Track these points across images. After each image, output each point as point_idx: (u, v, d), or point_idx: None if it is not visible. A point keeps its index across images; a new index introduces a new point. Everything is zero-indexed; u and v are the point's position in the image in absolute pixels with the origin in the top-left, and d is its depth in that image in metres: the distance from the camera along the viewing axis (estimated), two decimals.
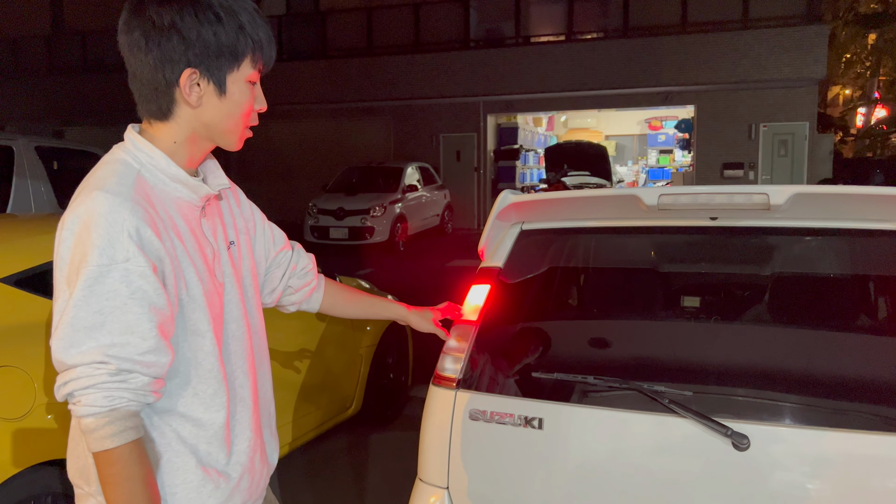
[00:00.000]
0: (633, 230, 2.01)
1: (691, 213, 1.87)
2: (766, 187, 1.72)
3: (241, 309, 1.44)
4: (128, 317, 1.16)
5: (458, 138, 17.84)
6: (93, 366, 1.15)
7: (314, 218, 13.60)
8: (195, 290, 1.29)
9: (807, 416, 1.67)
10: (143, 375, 1.18)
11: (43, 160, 5.89)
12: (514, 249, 2.08)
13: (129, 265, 1.16)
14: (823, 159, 15.70)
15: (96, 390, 1.15)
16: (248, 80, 1.32)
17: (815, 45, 14.47)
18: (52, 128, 19.99)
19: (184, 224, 1.30)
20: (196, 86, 1.28)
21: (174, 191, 1.30)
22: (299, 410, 3.76)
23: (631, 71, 15.61)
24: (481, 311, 2.00)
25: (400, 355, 5.00)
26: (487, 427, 1.85)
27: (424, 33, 17.51)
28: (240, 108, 1.33)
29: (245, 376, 1.42)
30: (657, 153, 22.76)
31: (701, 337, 1.94)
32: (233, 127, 1.34)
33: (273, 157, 19.16)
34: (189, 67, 1.26)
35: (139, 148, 1.29)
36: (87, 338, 1.15)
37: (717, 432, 1.62)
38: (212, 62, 1.27)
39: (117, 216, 1.17)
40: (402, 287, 8.20)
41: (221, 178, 1.44)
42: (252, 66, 1.32)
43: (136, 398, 1.18)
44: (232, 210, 1.52)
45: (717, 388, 1.80)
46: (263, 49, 1.33)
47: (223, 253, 1.41)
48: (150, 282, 1.18)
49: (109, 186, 1.20)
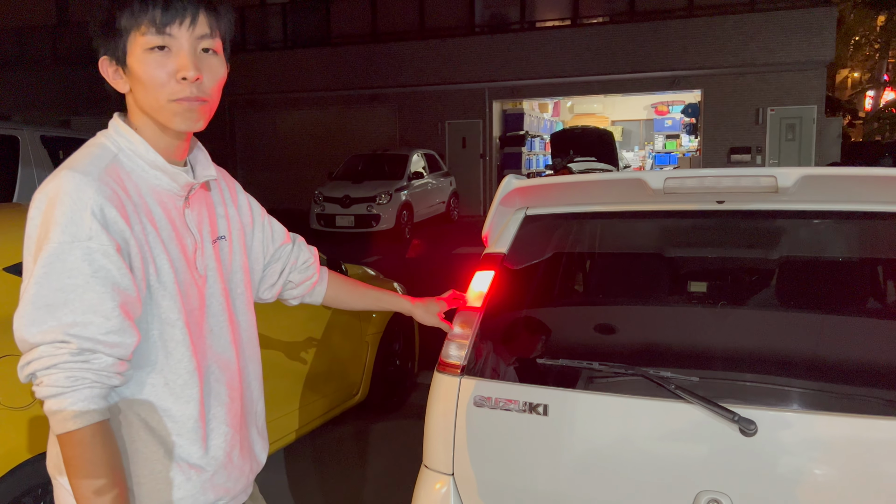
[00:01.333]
0: (639, 214, 1.99)
1: (698, 196, 1.84)
2: (774, 169, 1.69)
3: (224, 305, 1.40)
4: (90, 295, 1.14)
5: (463, 125, 17.77)
6: (55, 345, 1.12)
7: (320, 206, 13.58)
8: (166, 278, 1.26)
9: (815, 400, 1.65)
10: (106, 356, 1.15)
11: (48, 149, 5.89)
12: (519, 235, 2.06)
13: (92, 243, 1.14)
14: (832, 143, 15.58)
15: (58, 370, 1.12)
16: (145, 48, 1.22)
17: (824, 27, 14.31)
18: (59, 118, 20.01)
19: (160, 212, 1.28)
20: (115, 72, 1.27)
21: (153, 178, 1.28)
22: (305, 398, 3.77)
23: (637, 55, 15.49)
24: (485, 298, 1.98)
25: (406, 342, 5.00)
26: (492, 413, 1.84)
27: (429, 19, 17.40)
28: (148, 82, 1.23)
29: (222, 372, 1.38)
30: (664, 138, 22.63)
31: (707, 322, 1.92)
32: (153, 102, 1.24)
33: (278, 145, 19.15)
34: (101, 55, 1.26)
35: (120, 133, 1.29)
36: (49, 316, 1.12)
37: (724, 418, 1.60)
38: (108, 43, 1.25)
39: (82, 194, 1.15)
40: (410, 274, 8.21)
41: (208, 170, 1.41)
42: (140, 32, 1.22)
43: (100, 379, 1.15)
44: (225, 204, 1.49)
45: (723, 374, 1.78)
46: (139, 11, 1.20)
47: (207, 246, 1.38)
48: (114, 261, 1.16)
49: (79, 166, 1.19)
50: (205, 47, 1.27)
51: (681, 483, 1.65)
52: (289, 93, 18.38)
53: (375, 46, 17.60)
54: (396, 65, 17.38)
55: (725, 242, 2.17)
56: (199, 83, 1.25)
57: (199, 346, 1.33)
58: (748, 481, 1.61)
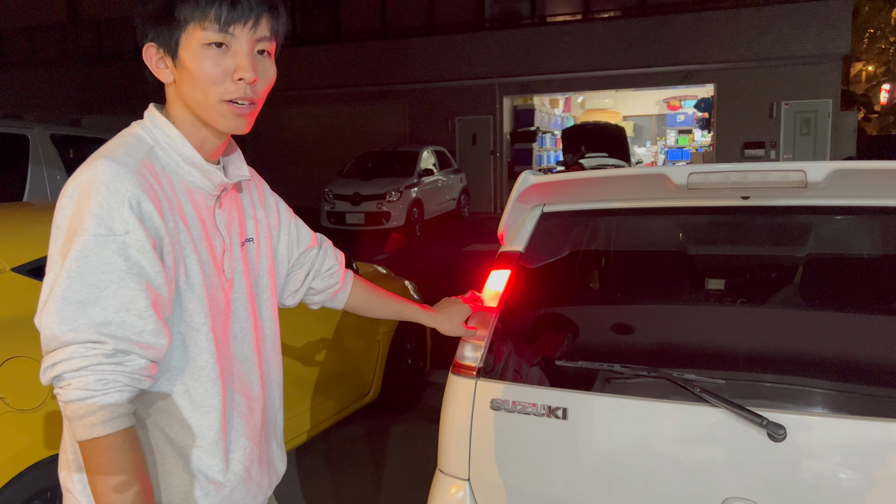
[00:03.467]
0: (660, 211, 1.92)
1: (722, 192, 1.78)
2: (803, 164, 1.62)
3: (250, 311, 1.35)
4: (124, 292, 1.08)
5: (473, 121, 17.69)
6: (87, 345, 1.06)
7: (330, 203, 13.56)
8: (195, 280, 1.20)
9: (846, 404, 1.59)
10: (140, 357, 1.10)
11: (58, 148, 5.88)
12: (535, 233, 2.00)
13: (128, 238, 1.09)
14: (847, 137, 15.39)
15: (90, 372, 1.06)
16: (203, 43, 1.17)
17: (839, 19, 14.13)
18: (70, 116, 20.09)
19: (192, 210, 1.23)
20: (161, 60, 1.20)
21: (187, 174, 1.23)
22: (317, 398, 3.73)
23: (649, 50, 15.36)
24: (501, 297, 1.93)
25: (418, 341, 4.95)
26: (509, 417, 1.78)
27: (439, 15, 17.33)
28: (200, 78, 1.17)
29: (244, 382, 1.33)
30: (676, 133, 22.46)
31: (731, 322, 1.86)
32: (202, 100, 1.19)
33: (288, 142, 19.14)
34: (146, 42, 1.19)
35: (157, 125, 1.23)
36: (80, 313, 1.06)
37: (752, 422, 1.54)
38: (160, 33, 1.18)
39: (119, 185, 1.09)
40: (420, 272, 8.17)
41: (242, 170, 1.35)
42: (201, 26, 1.16)
43: (132, 382, 1.09)
44: (254, 205, 1.44)
45: (750, 376, 1.72)
46: (205, 5, 1.15)
47: (236, 249, 1.33)
48: (149, 258, 1.11)
49: (116, 155, 1.13)
50: (261, 49, 1.23)
51: (706, 490, 1.59)
52: (298, 90, 18.36)
53: (385, 43, 17.54)
54: (406, 61, 17.32)
55: (749, 240, 2.11)
56: (253, 85, 1.21)
57: (223, 354, 1.27)
58: (776, 488, 1.54)
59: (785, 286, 2.07)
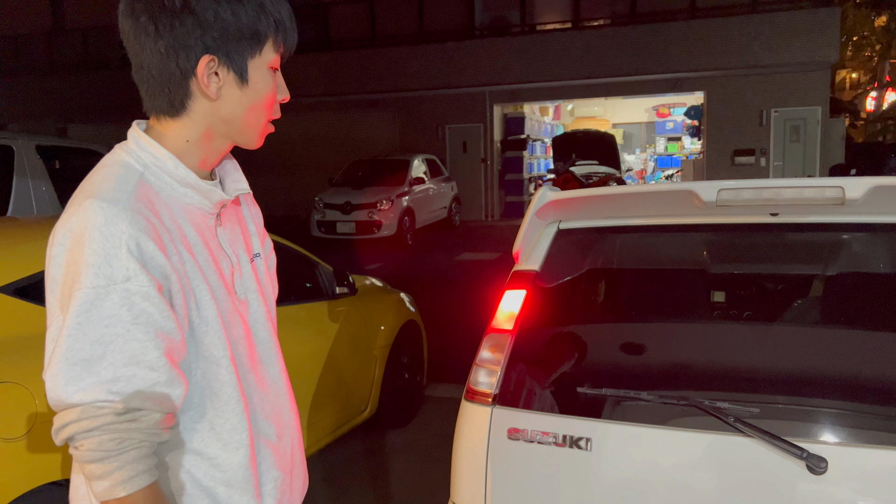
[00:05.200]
0: (683, 228, 1.83)
1: (751, 209, 1.69)
2: (841, 180, 1.54)
3: (270, 329, 1.28)
4: (132, 345, 1.00)
5: (464, 129, 17.64)
6: (96, 405, 0.99)
7: (321, 213, 13.45)
8: (208, 311, 1.12)
9: (892, 434, 1.50)
10: (155, 412, 1.03)
11: (44, 159, 5.73)
12: (552, 251, 1.91)
13: (130, 285, 1.00)
14: (835, 144, 15.47)
15: (102, 432, 0.99)
16: (270, 66, 1.17)
17: (828, 27, 14.19)
18: (55, 126, 19.85)
19: (195, 234, 1.14)
20: (214, 75, 1.12)
21: (183, 196, 1.14)
22: (314, 415, 3.62)
23: (639, 58, 15.36)
24: (517, 319, 1.83)
25: (414, 355, 4.85)
26: (528, 447, 1.68)
27: (428, 23, 17.27)
28: (262, 99, 1.17)
29: (274, 408, 1.25)
30: (665, 141, 22.51)
31: (763, 344, 1.77)
32: (254, 121, 1.18)
33: (277, 151, 18.94)
34: (207, 54, 1.10)
35: (143, 147, 1.13)
36: (86, 372, 0.99)
37: (791, 454, 1.45)
38: (232, 47, 1.11)
39: (114, 228, 1.00)
40: (413, 282, 8.06)
41: (241, 182, 1.28)
42: (274, 49, 1.16)
43: (148, 438, 1.02)
44: (254, 217, 1.36)
45: (786, 401, 1.63)
46: (287, 30, 1.17)
47: (245, 267, 1.25)
48: (156, 303, 1.03)
49: (105, 193, 1.04)
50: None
51: None
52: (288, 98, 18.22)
53: (375, 50, 17.46)
54: (396, 69, 17.24)
55: (779, 258, 2.02)
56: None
57: (248, 382, 1.20)
58: None
59: (818, 306, 1.98)
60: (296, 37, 1.20)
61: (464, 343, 4.31)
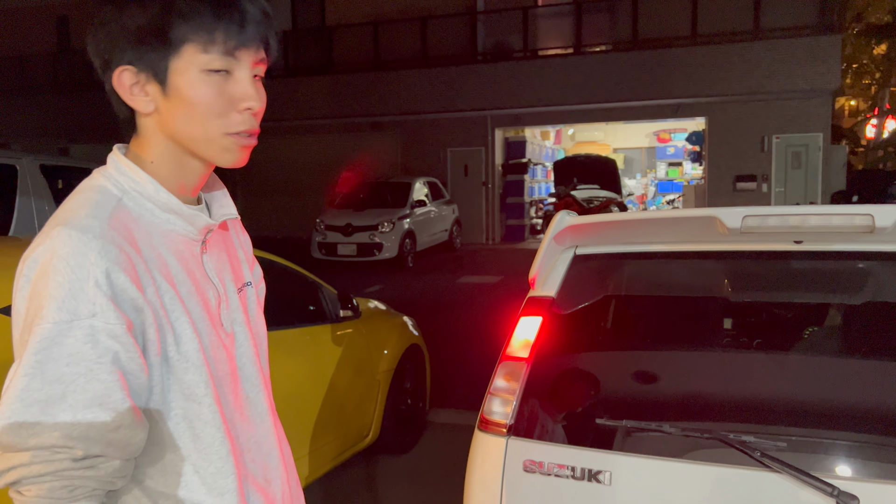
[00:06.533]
0: (704, 255, 1.79)
1: (776, 236, 1.65)
2: (870, 207, 1.50)
3: (257, 364, 1.18)
4: (94, 385, 0.91)
5: (465, 152, 17.68)
6: (52, 450, 0.90)
7: (321, 234, 13.41)
8: (188, 346, 1.03)
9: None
10: (115, 459, 0.94)
11: (47, 178, 5.71)
12: (568, 276, 1.86)
13: (96, 321, 0.92)
14: (837, 171, 15.50)
15: (55, 479, 0.90)
16: (205, 69, 1.01)
17: (829, 55, 14.28)
18: (58, 145, 19.88)
19: (177, 263, 1.06)
20: (137, 86, 1.02)
21: (165, 223, 1.06)
22: (316, 442, 3.54)
23: (640, 83, 15.44)
24: (533, 347, 1.77)
25: (418, 379, 4.78)
26: (545, 481, 1.62)
27: (432, 47, 17.38)
28: (201, 108, 1.01)
29: (262, 449, 1.17)
30: (666, 166, 22.58)
31: (785, 376, 1.72)
32: (200, 133, 1.03)
33: (279, 172, 19.00)
34: (121, 64, 1.01)
35: (122, 171, 1.05)
36: (43, 414, 0.89)
37: (821, 491, 1.39)
38: (144, 53, 1.00)
39: (82, 259, 0.92)
40: (414, 305, 7.99)
41: (228, 207, 1.19)
42: (203, 50, 1.00)
43: (102, 486, 0.94)
44: (243, 244, 1.27)
45: (812, 434, 1.57)
46: (218, 26, 0.99)
47: (232, 297, 1.16)
48: (123, 342, 0.94)
49: (76, 220, 0.96)
50: (257, 74, 1.07)
51: None
52: (290, 120, 18.28)
53: (377, 74, 17.55)
54: (399, 92, 17.32)
55: (803, 286, 1.97)
56: (258, 115, 1.06)
57: (235, 422, 1.11)
58: None
59: (843, 336, 1.93)
60: (243, 25, 1.01)
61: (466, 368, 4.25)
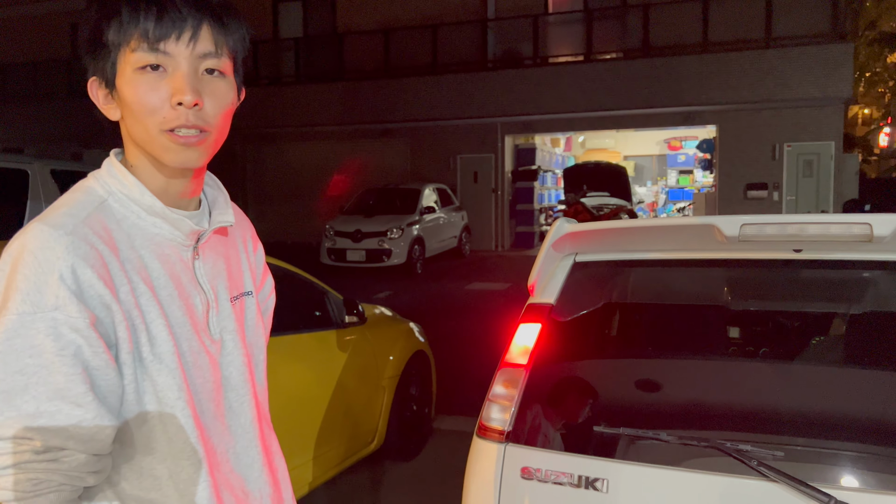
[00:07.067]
0: (703, 263, 1.79)
1: (774, 244, 1.65)
2: (870, 217, 1.50)
3: (247, 375, 1.18)
4: (56, 378, 0.92)
5: (475, 159, 17.70)
6: (15, 440, 0.92)
7: (331, 240, 13.45)
8: (163, 349, 1.03)
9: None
10: (79, 453, 0.94)
11: (59, 183, 5.77)
12: (568, 283, 1.87)
13: (58, 314, 0.93)
14: (849, 179, 15.40)
15: (18, 470, 0.91)
16: (136, 67, 1.02)
17: (841, 63, 14.21)
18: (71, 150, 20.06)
19: (158, 266, 1.06)
20: (106, 96, 1.07)
21: (151, 226, 1.07)
22: (320, 448, 3.55)
23: (651, 91, 15.41)
24: (531, 354, 1.78)
25: (423, 386, 4.79)
26: (542, 488, 1.63)
27: (442, 55, 17.44)
28: (136, 108, 1.02)
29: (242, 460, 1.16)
30: (677, 173, 22.48)
31: (785, 385, 1.71)
32: (142, 133, 1.04)
33: (289, 179, 19.11)
34: (90, 76, 1.08)
35: (112, 174, 1.08)
36: (5, 405, 0.91)
37: (817, 501, 1.39)
38: (97, 63, 1.05)
39: (49, 253, 0.94)
40: (422, 311, 8.00)
41: (225, 215, 1.18)
42: (130, 48, 1.01)
43: (70, 481, 0.94)
44: (247, 252, 1.27)
45: (809, 444, 1.57)
46: (128, 23, 1.00)
47: (223, 304, 1.16)
48: (86, 335, 0.95)
49: (52, 217, 0.99)
50: (209, 68, 1.05)
51: None
52: (301, 127, 18.37)
53: (388, 81, 17.61)
54: (409, 99, 17.37)
55: (801, 295, 1.97)
56: (197, 110, 1.02)
57: (213, 430, 1.10)
58: None
59: (843, 345, 1.92)
60: (150, 24, 1.00)
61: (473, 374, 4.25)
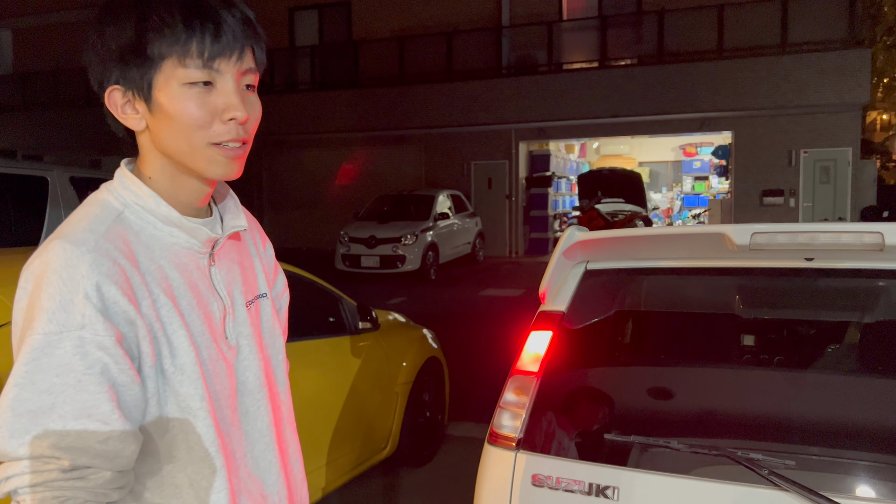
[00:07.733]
0: (714, 271, 1.79)
1: (785, 253, 1.65)
2: (880, 226, 1.50)
3: (263, 378, 1.19)
4: (83, 396, 0.94)
5: (489, 165, 17.72)
6: (42, 459, 0.93)
7: (345, 246, 13.51)
8: (184, 360, 1.04)
9: None
10: (105, 470, 0.96)
11: (78, 191, 5.84)
12: (579, 291, 1.87)
13: (85, 333, 0.94)
14: (867, 186, 15.24)
15: (46, 489, 0.93)
16: (185, 82, 1.03)
17: (858, 69, 14.10)
18: (90, 157, 20.30)
19: (178, 277, 1.07)
20: (128, 105, 1.06)
21: (168, 236, 1.08)
22: (333, 453, 3.57)
23: (666, 97, 15.37)
24: (543, 361, 1.79)
25: (436, 392, 4.79)
26: (553, 495, 1.63)
27: (456, 61, 17.50)
28: (184, 121, 1.03)
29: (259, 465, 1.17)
30: (692, 180, 22.38)
31: (796, 393, 1.71)
32: (186, 146, 1.05)
33: (304, 185, 19.23)
34: (111, 85, 1.05)
35: (126, 185, 1.09)
36: (33, 424, 0.92)
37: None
38: (127, 71, 1.03)
39: (74, 272, 0.95)
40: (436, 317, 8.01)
41: (237, 220, 1.20)
42: (180, 62, 1.02)
43: (95, 498, 0.96)
44: (260, 255, 1.28)
45: (821, 453, 1.56)
46: (184, 39, 1.01)
47: (239, 309, 1.17)
48: (112, 353, 0.96)
49: (73, 233, 0.99)
50: (248, 83, 1.08)
51: None
52: (316, 133, 18.49)
53: (403, 88, 17.69)
54: (423, 106, 17.44)
55: (813, 303, 1.96)
56: (245, 124, 1.07)
57: (231, 436, 1.11)
58: None
59: (855, 354, 1.91)
60: (207, 42, 1.02)
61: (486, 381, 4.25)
